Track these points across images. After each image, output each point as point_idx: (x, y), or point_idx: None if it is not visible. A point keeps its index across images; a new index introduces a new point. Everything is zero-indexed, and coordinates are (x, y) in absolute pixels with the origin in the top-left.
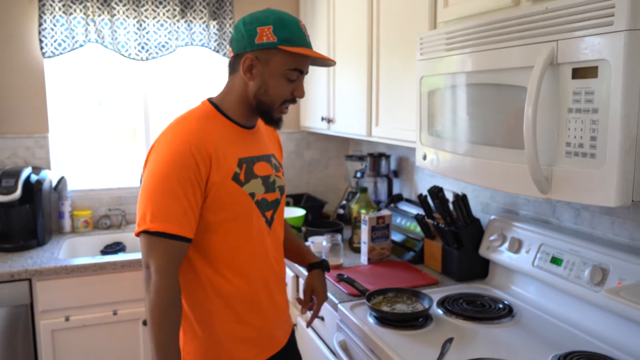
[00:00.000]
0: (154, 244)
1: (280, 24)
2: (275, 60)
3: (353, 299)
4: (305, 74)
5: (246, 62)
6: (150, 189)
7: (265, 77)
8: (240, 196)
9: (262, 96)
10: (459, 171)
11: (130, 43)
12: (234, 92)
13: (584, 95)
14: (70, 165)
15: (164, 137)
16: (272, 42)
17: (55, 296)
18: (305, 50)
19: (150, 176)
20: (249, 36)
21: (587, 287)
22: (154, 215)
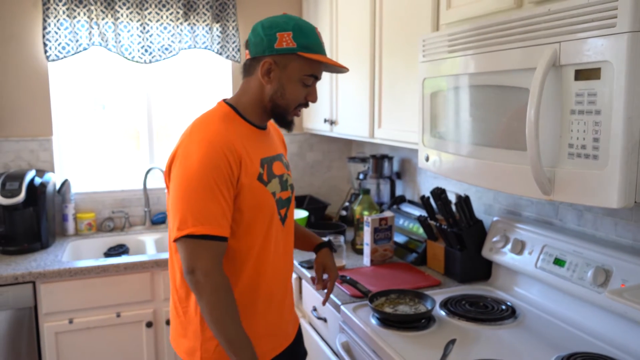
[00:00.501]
0: (200, 247)
1: (299, 31)
2: (294, 65)
3: (356, 300)
4: (319, 79)
5: (265, 65)
6: (187, 192)
7: (283, 81)
8: (265, 196)
9: (278, 99)
10: (462, 173)
11: (134, 46)
12: (250, 94)
13: (587, 96)
14: (73, 168)
15: (190, 139)
16: (291, 47)
17: (59, 299)
18: (322, 58)
19: (184, 179)
20: (269, 41)
21: (590, 288)
22: (196, 219)
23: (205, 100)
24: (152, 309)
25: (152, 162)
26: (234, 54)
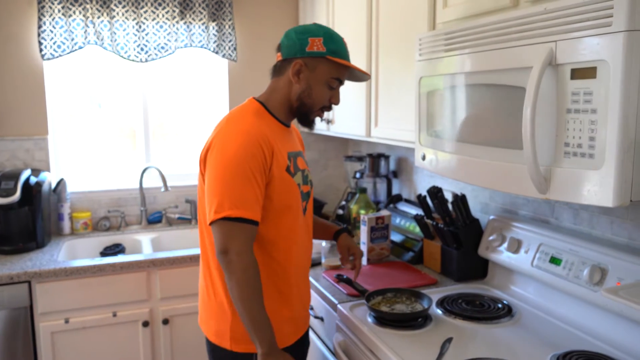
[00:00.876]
0: (235, 229)
1: (329, 38)
2: (322, 68)
3: (352, 299)
4: (342, 84)
5: (295, 66)
6: (224, 178)
7: (311, 82)
8: (292, 186)
9: (305, 98)
10: (458, 171)
11: (130, 45)
12: (278, 93)
13: (583, 95)
14: (69, 167)
15: (227, 129)
16: (321, 51)
17: (54, 298)
18: (348, 63)
19: (221, 166)
20: (301, 44)
21: (586, 286)
22: (232, 203)
23: (201, 99)
24: (149, 309)
25: (149, 162)
26: (230, 53)
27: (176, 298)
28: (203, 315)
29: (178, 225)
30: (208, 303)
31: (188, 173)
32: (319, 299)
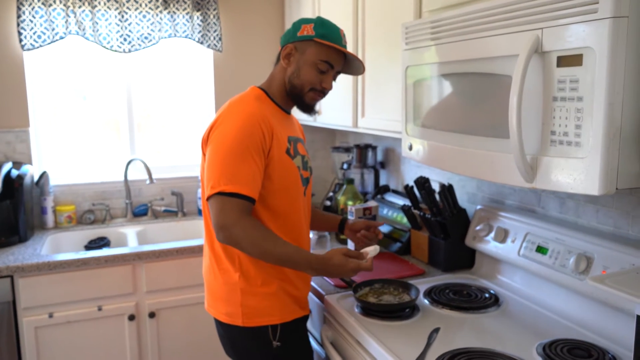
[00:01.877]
0: (229, 204)
1: (320, 24)
2: (310, 50)
3: (340, 290)
4: (335, 69)
5: (286, 50)
6: (221, 155)
7: (300, 64)
8: (292, 168)
9: (294, 79)
10: (445, 161)
11: (112, 35)
12: (276, 79)
13: (569, 83)
14: (52, 159)
15: (229, 112)
16: (310, 35)
17: (38, 293)
18: (336, 45)
19: (220, 144)
20: (294, 30)
21: (572, 275)
22: (227, 179)
23: (187, 91)
24: (135, 302)
25: (133, 154)
26: (215, 43)
27: (163, 291)
28: (210, 299)
29: (164, 217)
30: (215, 285)
31: (174, 165)
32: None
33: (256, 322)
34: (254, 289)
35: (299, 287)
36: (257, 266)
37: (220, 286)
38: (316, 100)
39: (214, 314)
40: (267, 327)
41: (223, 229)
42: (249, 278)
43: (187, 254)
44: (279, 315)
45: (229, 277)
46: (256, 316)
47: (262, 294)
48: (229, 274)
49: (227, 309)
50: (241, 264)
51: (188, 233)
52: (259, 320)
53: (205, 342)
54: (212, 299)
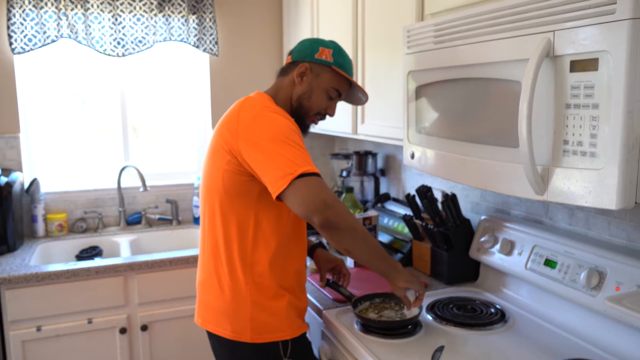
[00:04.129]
0: (319, 182)
1: (338, 52)
2: (325, 76)
3: (339, 305)
4: (341, 98)
5: (301, 68)
6: (281, 143)
7: (313, 86)
8: None
9: (304, 100)
10: (449, 170)
11: (106, 38)
12: (282, 91)
13: (583, 89)
14: (43, 166)
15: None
16: (328, 61)
17: (25, 305)
18: (350, 78)
19: (278, 134)
20: (311, 50)
21: (583, 291)
22: (303, 160)
23: (182, 96)
24: (126, 315)
25: (127, 160)
26: (211, 47)
27: (155, 303)
28: (208, 314)
29: (158, 226)
30: (221, 299)
31: (169, 172)
32: None
33: (266, 338)
34: (265, 302)
35: (302, 299)
36: (273, 274)
37: (226, 301)
38: (315, 124)
39: (213, 330)
40: (278, 343)
41: (328, 206)
42: (261, 289)
43: (181, 264)
44: (289, 330)
45: (238, 289)
46: (266, 331)
47: (272, 308)
48: (239, 285)
49: (233, 325)
50: (253, 273)
51: (183, 242)
52: (268, 336)
53: (199, 356)
54: (212, 313)
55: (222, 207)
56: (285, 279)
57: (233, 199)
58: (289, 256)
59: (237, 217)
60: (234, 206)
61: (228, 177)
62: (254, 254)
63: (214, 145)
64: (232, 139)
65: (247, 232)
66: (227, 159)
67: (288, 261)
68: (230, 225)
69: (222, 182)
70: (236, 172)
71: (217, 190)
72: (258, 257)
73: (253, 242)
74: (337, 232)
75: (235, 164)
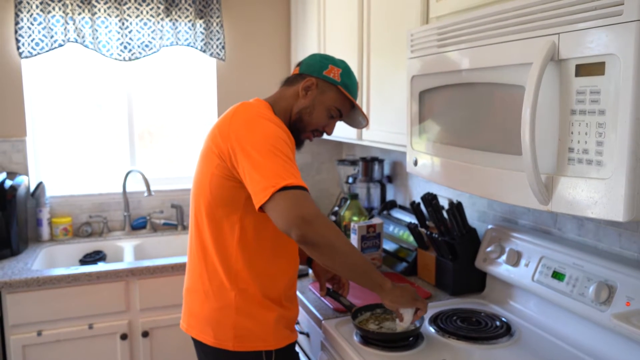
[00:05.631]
0: (301, 196)
1: (347, 73)
2: (330, 94)
3: (339, 315)
4: (341, 118)
5: (307, 82)
6: (268, 153)
7: (316, 102)
8: None
9: (305, 115)
10: (452, 178)
11: (112, 43)
12: (284, 101)
13: (589, 94)
14: (49, 170)
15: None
16: (335, 80)
17: (26, 309)
18: (354, 101)
19: (266, 142)
20: (320, 66)
21: (592, 305)
22: (290, 173)
23: (188, 101)
24: (127, 320)
25: (133, 165)
26: (218, 52)
27: (157, 309)
28: (192, 320)
29: (163, 231)
30: (205, 305)
31: (174, 177)
32: (305, 314)
33: (249, 347)
34: (250, 309)
35: (291, 309)
36: (258, 283)
37: (211, 307)
38: (310, 140)
39: (199, 337)
40: (261, 353)
41: (306, 222)
42: (247, 296)
43: (183, 270)
44: (273, 340)
45: (222, 295)
46: (249, 340)
47: (257, 316)
48: (224, 291)
49: (215, 331)
50: (238, 280)
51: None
52: (251, 345)
53: None
54: (196, 319)
55: (209, 212)
56: (272, 289)
57: (220, 205)
58: (275, 265)
59: (223, 223)
60: (221, 212)
61: (216, 181)
62: (238, 261)
63: (205, 149)
64: (222, 143)
65: (232, 238)
66: (216, 163)
67: (275, 270)
68: (216, 231)
69: (210, 187)
70: (224, 177)
71: (205, 194)
72: (243, 264)
73: (237, 249)
74: (315, 249)
75: (224, 169)
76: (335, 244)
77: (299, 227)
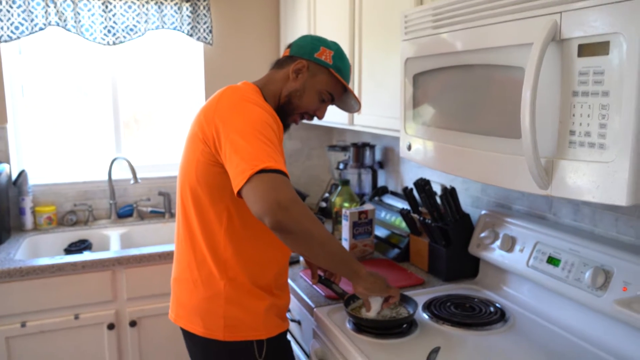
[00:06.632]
0: (278, 180)
1: (339, 56)
2: (321, 77)
3: (331, 302)
4: (333, 102)
5: (298, 65)
6: (250, 135)
7: (307, 85)
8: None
9: (294, 98)
10: (447, 163)
11: (96, 26)
12: (274, 84)
13: (592, 75)
14: (32, 158)
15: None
16: (327, 63)
17: (9, 300)
18: (346, 84)
19: (249, 126)
20: (312, 48)
21: (588, 291)
22: (267, 156)
23: (175, 86)
24: (114, 310)
25: (119, 152)
26: (205, 36)
27: (144, 298)
28: (181, 310)
29: (150, 219)
30: (194, 295)
31: (161, 164)
32: (296, 301)
33: (239, 337)
34: (240, 299)
35: (282, 297)
36: (247, 271)
37: (199, 296)
38: (296, 123)
39: (185, 326)
40: (252, 343)
41: (282, 208)
42: (236, 285)
43: (171, 259)
44: (264, 330)
45: (211, 284)
46: (240, 330)
47: (247, 305)
48: (213, 280)
49: (205, 321)
50: (227, 269)
51: None
52: (242, 335)
53: None
54: (184, 310)
55: (195, 199)
56: (262, 277)
57: (206, 191)
58: (265, 253)
59: (209, 211)
60: (207, 199)
61: (201, 168)
62: (226, 249)
63: (190, 134)
64: (207, 128)
65: (220, 226)
66: (201, 148)
67: (265, 258)
68: (204, 219)
69: (196, 173)
70: (210, 163)
71: (191, 181)
72: (231, 253)
73: (226, 237)
74: (289, 236)
75: (208, 154)
76: (313, 232)
77: (275, 213)
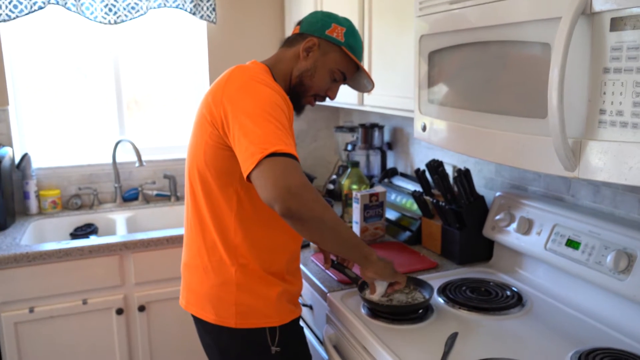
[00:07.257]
0: (289, 164)
1: (352, 32)
2: (333, 55)
3: (344, 287)
4: (345, 82)
5: (309, 43)
6: (260, 117)
7: (318, 64)
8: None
9: (305, 78)
10: (465, 144)
11: (96, 5)
12: (284, 63)
13: (626, 51)
14: (35, 140)
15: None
16: (339, 40)
17: (17, 286)
18: (359, 63)
19: (259, 108)
20: (323, 25)
21: (610, 274)
22: (278, 139)
23: (178, 66)
24: (123, 295)
25: (123, 134)
26: (208, 14)
27: (153, 283)
28: (192, 297)
29: (156, 202)
30: (205, 281)
31: (166, 146)
32: (308, 286)
33: (252, 324)
34: (251, 285)
35: (294, 283)
36: (258, 257)
37: (210, 282)
38: (312, 105)
39: (196, 313)
40: (265, 330)
41: (292, 194)
42: (247, 271)
43: (179, 242)
44: (277, 316)
45: (222, 271)
46: (252, 317)
47: (259, 291)
48: (224, 267)
49: (216, 309)
50: (237, 255)
51: (182, 219)
52: (254, 322)
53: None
54: (195, 296)
55: (204, 183)
56: (274, 263)
57: (215, 176)
58: (277, 238)
59: (218, 196)
60: (216, 183)
61: (210, 151)
62: (237, 235)
63: (198, 116)
64: (215, 110)
65: (230, 211)
66: (209, 131)
67: (276, 244)
68: (214, 204)
69: (204, 157)
70: (218, 147)
71: (199, 165)
72: (242, 238)
73: (236, 223)
74: (300, 223)
75: (217, 137)
76: (324, 218)
77: (284, 199)
